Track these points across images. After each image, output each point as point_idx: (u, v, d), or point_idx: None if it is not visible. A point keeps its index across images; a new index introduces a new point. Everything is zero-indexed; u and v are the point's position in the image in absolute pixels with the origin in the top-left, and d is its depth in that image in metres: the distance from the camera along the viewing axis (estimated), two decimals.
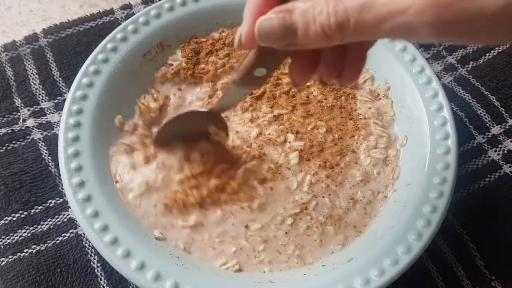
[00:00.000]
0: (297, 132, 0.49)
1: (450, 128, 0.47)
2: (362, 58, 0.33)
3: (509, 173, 0.51)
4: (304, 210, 0.46)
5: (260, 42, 0.28)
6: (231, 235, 0.44)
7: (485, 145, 0.53)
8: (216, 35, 0.56)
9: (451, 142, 0.46)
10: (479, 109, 0.55)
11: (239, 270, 0.43)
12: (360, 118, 0.51)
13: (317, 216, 0.45)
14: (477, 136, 0.54)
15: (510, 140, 0.53)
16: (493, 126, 0.54)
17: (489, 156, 0.53)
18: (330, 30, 0.26)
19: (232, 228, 0.44)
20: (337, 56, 0.33)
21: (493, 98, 0.56)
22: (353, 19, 0.25)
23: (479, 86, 0.57)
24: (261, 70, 0.33)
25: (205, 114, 0.45)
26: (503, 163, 0.52)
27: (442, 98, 0.48)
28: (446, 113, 0.47)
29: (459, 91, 0.57)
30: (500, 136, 0.54)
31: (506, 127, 0.54)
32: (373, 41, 0.33)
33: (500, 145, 0.53)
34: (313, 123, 0.50)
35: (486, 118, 0.55)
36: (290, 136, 0.49)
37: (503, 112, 0.55)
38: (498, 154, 0.53)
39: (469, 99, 0.56)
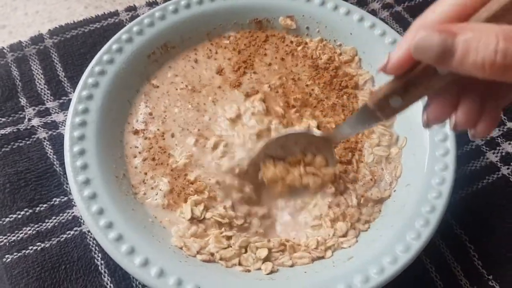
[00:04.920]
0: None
1: (449, 129, 0.47)
2: (497, 112, 0.33)
3: (507, 175, 0.52)
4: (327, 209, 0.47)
5: (414, 54, 0.28)
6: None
7: (484, 147, 0.54)
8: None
9: (450, 144, 0.47)
10: None
11: (271, 272, 0.43)
12: None
13: (333, 213, 0.46)
14: None
15: (508, 142, 0.54)
16: None
17: (487, 158, 0.53)
18: (492, 67, 0.26)
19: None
20: (476, 104, 0.32)
21: None
22: None
23: None
24: (397, 99, 0.33)
25: (313, 138, 0.45)
26: (501, 165, 0.53)
27: None
28: None
29: None
30: (499, 138, 0.55)
31: (505, 129, 0.55)
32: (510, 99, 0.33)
33: (498, 147, 0.54)
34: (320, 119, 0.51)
35: None
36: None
37: (501, 115, 0.56)
38: (496, 156, 0.53)
39: None
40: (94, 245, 0.47)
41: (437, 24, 0.29)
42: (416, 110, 0.49)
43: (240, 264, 0.44)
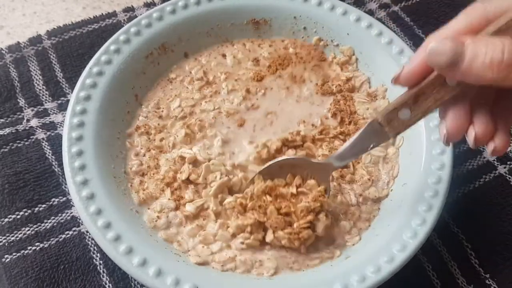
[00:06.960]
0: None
1: None
2: (509, 127, 0.34)
3: (504, 174, 0.53)
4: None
5: (428, 59, 0.30)
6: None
7: (480, 146, 0.54)
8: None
9: None
10: None
11: (274, 274, 0.43)
12: (359, 119, 0.52)
13: (333, 214, 0.46)
14: None
15: None
16: None
17: (484, 157, 0.54)
18: (500, 66, 0.27)
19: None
20: (489, 117, 0.33)
21: None
22: None
23: None
24: (406, 111, 0.34)
25: (311, 164, 0.44)
26: (498, 164, 0.53)
27: None
28: None
29: None
30: None
31: None
32: None
33: None
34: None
35: None
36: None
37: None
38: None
39: None
40: (92, 245, 0.47)
41: (450, 36, 0.30)
42: None
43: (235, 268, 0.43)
